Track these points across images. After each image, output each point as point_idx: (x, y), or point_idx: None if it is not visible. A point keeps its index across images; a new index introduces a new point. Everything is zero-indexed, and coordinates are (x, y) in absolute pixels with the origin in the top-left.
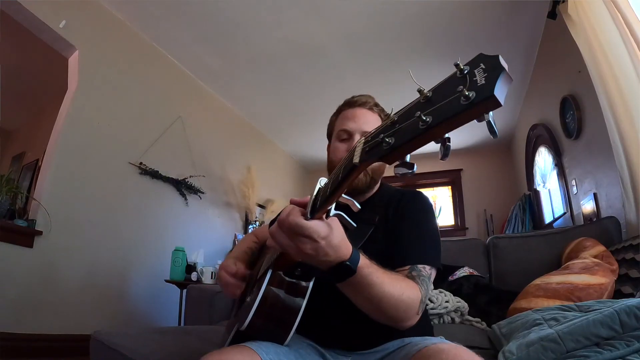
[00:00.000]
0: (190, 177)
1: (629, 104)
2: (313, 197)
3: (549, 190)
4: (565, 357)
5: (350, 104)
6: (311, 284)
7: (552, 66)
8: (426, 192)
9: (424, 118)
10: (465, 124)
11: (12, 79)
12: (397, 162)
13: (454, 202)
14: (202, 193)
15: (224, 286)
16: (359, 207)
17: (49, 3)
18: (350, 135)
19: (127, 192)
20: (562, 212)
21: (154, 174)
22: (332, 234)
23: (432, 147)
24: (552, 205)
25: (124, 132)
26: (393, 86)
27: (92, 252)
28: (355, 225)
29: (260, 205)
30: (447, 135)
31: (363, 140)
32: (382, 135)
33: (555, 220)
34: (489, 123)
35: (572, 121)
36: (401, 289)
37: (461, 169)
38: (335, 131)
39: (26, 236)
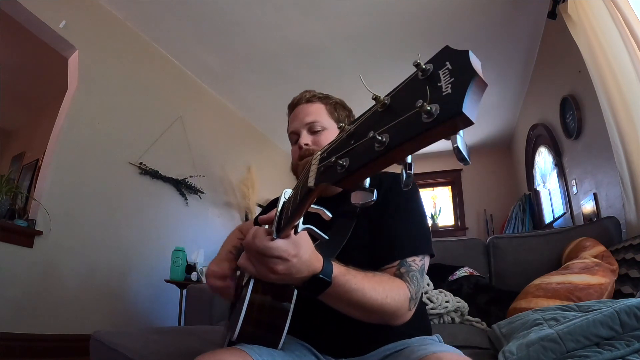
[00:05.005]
0: (190, 177)
1: (629, 104)
2: (278, 213)
3: (549, 190)
4: (565, 357)
5: (291, 106)
6: None
7: (552, 66)
8: (426, 192)
9: (379, 137)
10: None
11: (12, 79)
12: (356, 189)
13: (454, 202)
14: (202, 193)
15: (215, 292)
16: (330, 215)
17: (49, 3)
18: (297, 134)
19: (127, 192)
20: (562, 212)
21: (154, 174)
22: (301, 250)
23: (432, 146)
24: (552, 205)
25: (124, 132)
26: (393, 86)
27: (92, 252)
28: (327, 237)
29: (260, 205)
30: (409, 160)
31: (319, 157)
32: (336, 155)
33: (555, 220)
34: (456, 149)
35: (572, 121)
36: (384, 292)
37: (461, 169)
38: (289, 136)
39: (26, 236)
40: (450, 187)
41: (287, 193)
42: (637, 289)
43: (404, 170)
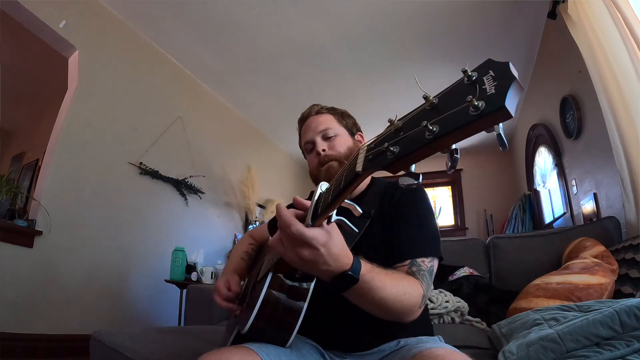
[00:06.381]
0: (190, 177)
1: (629, 104)
2: (314, 202)
3: (549, 190)
4: (565, 357)
5: (301, 120)
6: (312, 286)
7: (552, 66)
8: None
9: (431, 127)
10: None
11: (12, 79)
12: (402, 172)
13: (454, 202)
14: (202, 193)
15: (220, 307)
16: (361, 211)
17: (49, 3)
18: (312, 143)
19: (127, 192)
20: (562, 212)
21: (154, 174)
22: (331, 241)
23: None
24: (552, 205)
25: (124, 132)
26: (393, 86)
27: (92, 252)
28: (357, 230)
29: (260, 205)
30: (454, 146)
31: (366, 148)
32: (387, 143)
33: (555, 220)
34: (499, 136)
35: (572, 121)
36: (403, 289)
37: (461, 169)
38: (303, 147)
39: (26, 236)
40: (450, 187)
41: (324, 186)
42: (637, 289)
43: (448, 156)
